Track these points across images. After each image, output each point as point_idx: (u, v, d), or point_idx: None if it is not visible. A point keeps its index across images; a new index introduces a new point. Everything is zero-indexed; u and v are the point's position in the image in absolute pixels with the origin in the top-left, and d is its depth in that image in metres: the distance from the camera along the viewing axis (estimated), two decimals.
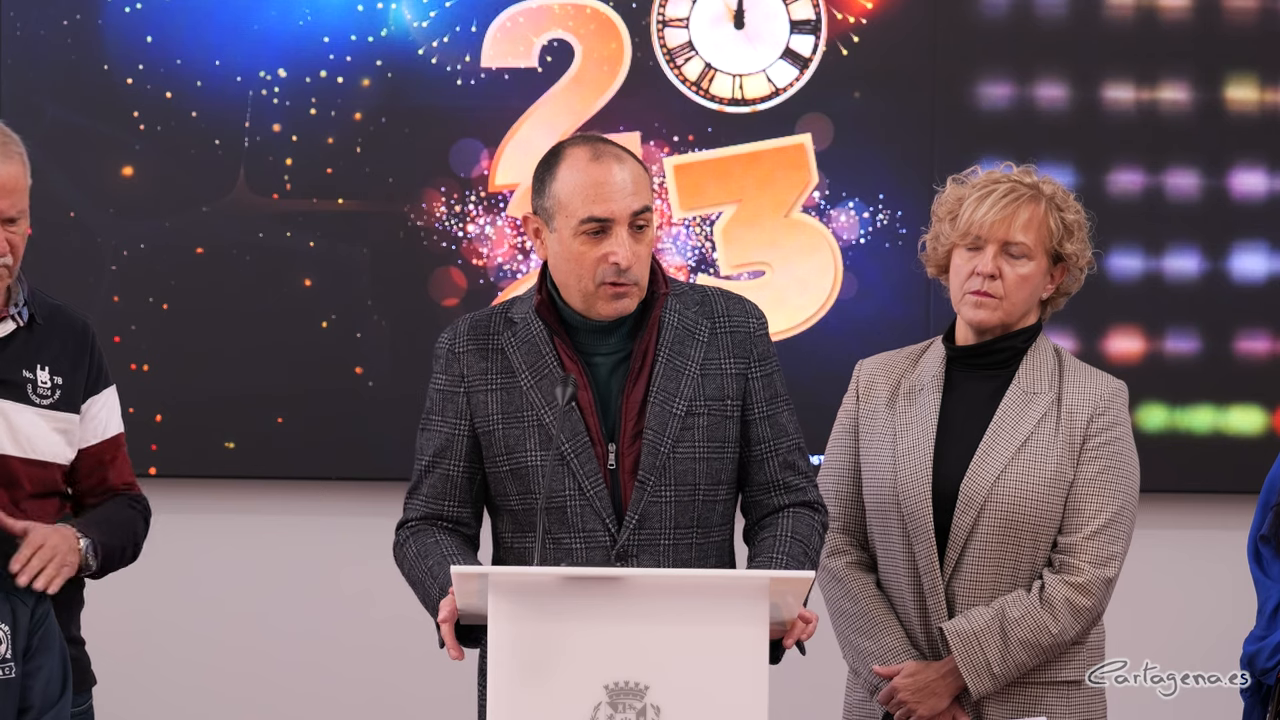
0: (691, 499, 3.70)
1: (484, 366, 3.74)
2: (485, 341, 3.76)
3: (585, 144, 3.69)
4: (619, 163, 3.66)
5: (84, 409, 3.97)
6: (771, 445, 3.77)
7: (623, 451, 3.68)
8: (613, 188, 3.63)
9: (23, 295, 3.92)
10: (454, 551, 3.69)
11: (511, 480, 3.72)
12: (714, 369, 3.74)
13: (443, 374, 3.77)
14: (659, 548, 3.68)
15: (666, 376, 3.70)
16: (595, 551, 3.66)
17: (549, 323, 3.72)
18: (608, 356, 3.72)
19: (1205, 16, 5.73)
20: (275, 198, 5.68)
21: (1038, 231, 4.02)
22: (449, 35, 5.67)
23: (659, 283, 3.73)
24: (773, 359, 3.80)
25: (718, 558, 3.77)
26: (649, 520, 3.68)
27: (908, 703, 3.99)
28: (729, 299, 3.81)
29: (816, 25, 5.71)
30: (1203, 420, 5.76)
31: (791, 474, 3.78)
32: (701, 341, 3.74)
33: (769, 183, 5.70)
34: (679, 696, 3.27)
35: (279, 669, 5.72)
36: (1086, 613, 3.98)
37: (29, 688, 3.70)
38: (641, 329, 3.71)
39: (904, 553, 4.03)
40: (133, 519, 4.01)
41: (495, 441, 3.72)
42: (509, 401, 3.72)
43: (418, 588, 3.71)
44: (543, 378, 3.70)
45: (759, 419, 3.76)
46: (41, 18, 5.63)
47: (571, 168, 3.66)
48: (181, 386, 5.65)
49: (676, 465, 3.69)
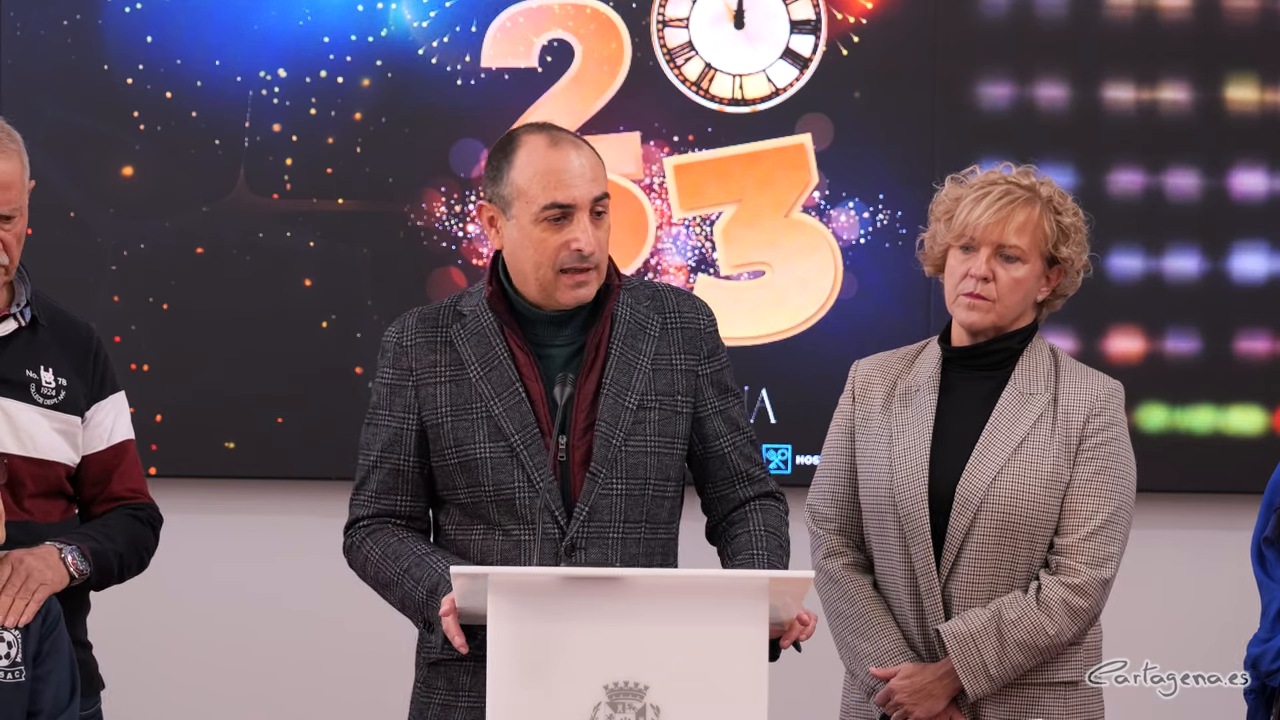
0: (641, 493, 3.70)
1: (433, 359, 3.73)
2: (434, 334, 3.75)
3: (541, 131, 3.69)
4: (576, 150, 3.67)
5: (89, 415, 3.95)
6: (729, 439, 3.78)
7: (573, 444, 3.68)
8: (573, 174, 3.64)
9: (25, 295, 3.91)
10: (425, 550, 3.68)
11: (460, 473, 3.70)
12: (665, 364, 3.74)
13: (390, 368, 3.76)
14: (607, 541, 3.67)
15: (619, 369, 3.70)
16: (545, 544, 3.64)
17: (500, 314, 3.71)
18: (561, 349, 3.71)
19: (1205, 16, 5.73)
20: (275, 198, 5.68)
21: (1032, 234, 4.01)
22: (449, 35, 5.68)
23: (612, 275, 3.74)
24: (722, 355, 3.81)
25: (663, 555, 3.77)
26: (598, 513, 3.67)
27: (904, 704, 3.99)
28: (679, 295, 3.83)
29: (816, 25, 5.71)
30: (1203, 420, 5.76)
31: (750, 465, 3.81)
32: (653, 336, 3.75)
33: (769, 183, 5.70)
34: (678, 696, 3.27)
35: (279, 669, 5.72)
36: (1083, 613, 3.98)
37: (39, 692, 3.69)
38: (595, 322, 3.71)
39: (900, 554, 4.03)
40: (133, 529, 3.96)
41: (444, 434, 3.71)
42: (458, 394, 3.70)
43: (391, 590, 3.70)
44: (492, 369, 3.69)
45: (712, 414, 3.77)
46: (41, 18, 5.63)
47: (530, 155, 3.65)
48: (181, 386, 5.65)
49: (628, 458, 3.69)
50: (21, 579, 3.71)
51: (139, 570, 4.00)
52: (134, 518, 3.98)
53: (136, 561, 3.97)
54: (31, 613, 3.70)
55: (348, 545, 3.80)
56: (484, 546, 3.69)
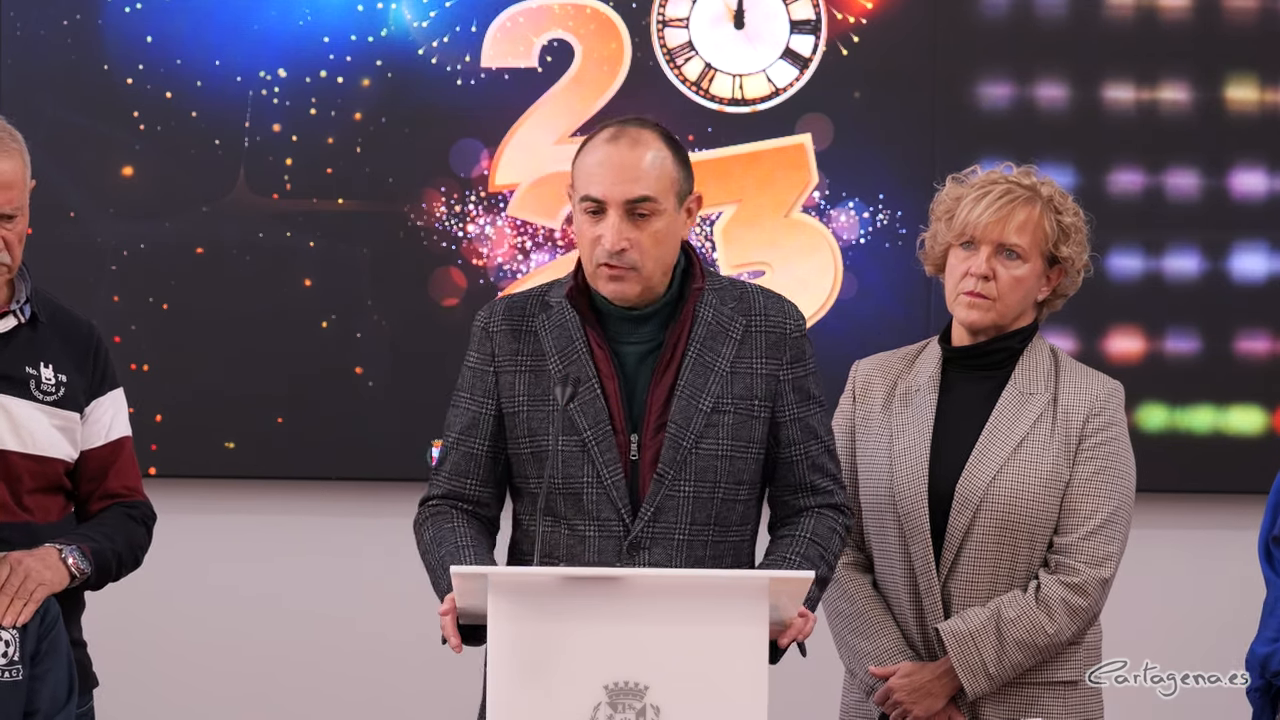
0: (710, 496, 3.70)
1: (515, 348, 3.75)
2: (520, 323, 3.76)
3: (616, 124, 3.71)
4: (633, 146, 3.66)
5: (88, 411, 3.96)
6: (801, 448, 3.77)
7: (645, 443, 3.69)
8: (610, 169, 3.65)
9: (25, 292, 3.91)
10: (467, 543, 3.69)
11: (532, 463, 3.72)
12: (745, 368, 3.73)
13: (475, 352, 3.79)
14: (673, 542, 3.68)
15: (695, 371, 3.70)
16: (608, 540, 3.66)
17: (580, 310, 3.72)
18: (637, 346, 3.72)
19: (1205, 16, 5.73)
20: (275, 198, 5.68)
21: (1033, 234, 4.02)
22: (449, 35, 5.67)
23: (695, 276, 3.74)
24: (808, 361, 3.79)
25: (734, 558, 3.76)
26: (665, 513, 3.67)
27: (904, 703, 3.99)
28: (769, 298, 3.81)
29: (816, 25, 5.71)
30: (1203, 420, 5.75)
31: (819, 476, 3.79)
32: (735, 339, 3.74)
33: (769, 183, 5.70)
34: (679, 697, 3.27)
35: (279, 669, 5.72)
36: (1082, 613, 3.98)
37: (37, 691, 3.70)
38: (674, 321, 3.72)
39: (900, 553, 4.03)
40: (129, 527, 3.98)
41: (519, 423, 3.73)
42: (535, 384, 3.72)
43: (431, 573, 3.73)
44: (570, 363, 3.70)
45: (789, 421, 3.76)
46: (41, 18, 5.63)
47: (590, 146, 3.70)
48: (181, 386, 5.65)
49: (698, 461, 3.69)
50: (20, 579, 3.72)
51: (134, 568, 4.01)
52: (129, 516, 4.00)
53: (132, 560, 3.99)
54: (29, 613, 3.70)
55: (416, 520, 3.82)
56: (551, 539, 3.69)
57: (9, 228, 3.82)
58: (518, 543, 3.80)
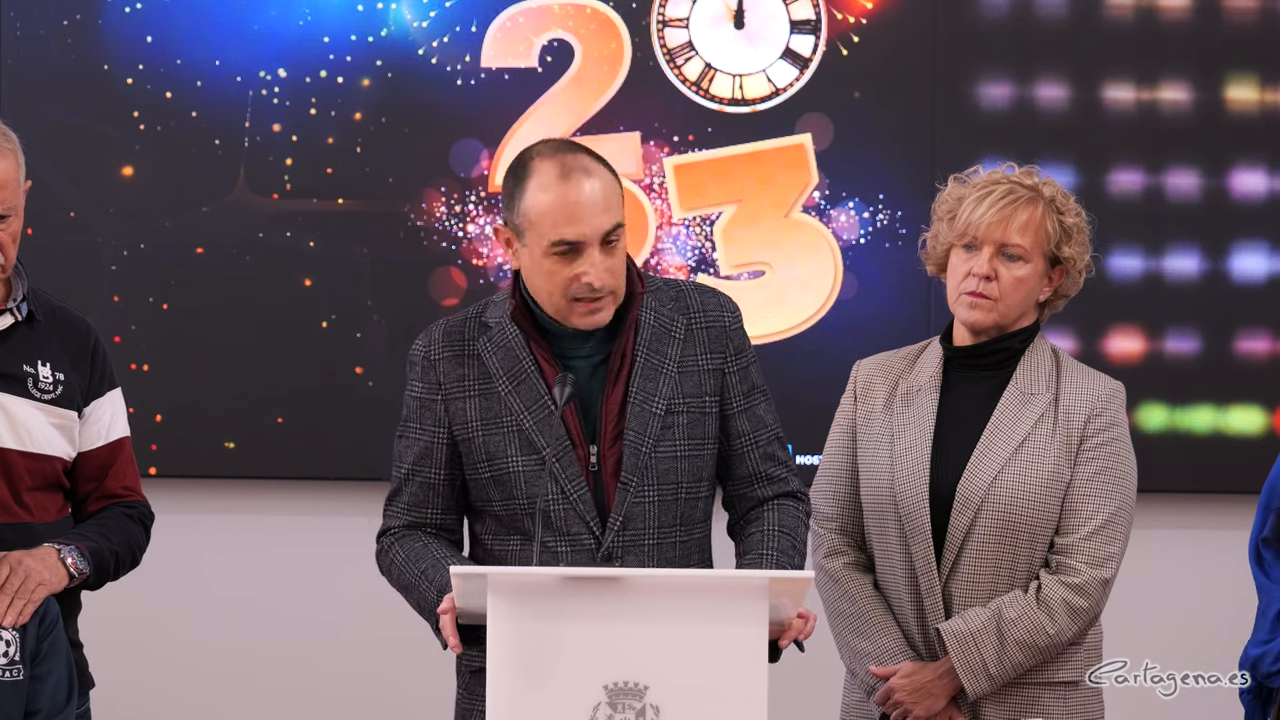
0: (674, 498, 3.70)
1: (461, 373, 3.72)
2: (461, 348, 3.73)
3: (554, 157, 3.61)
4: (588, 178, 3.59)
5: (87, 411, 3.96)
6: (751, 438, 3.77)
7: (604, 453, 3.67)
8: (582, 209, 3.58)
9: (22, 290, 3.91)
10: (446, 554, 3.69)
11: (494, 486, 3.71)
12: (691, 366, 3.73)
13: (419, 381, 3.75)
14: (644, 548, 3.68)
15: (645, 376, 3.69)
16: (580, 554, 3.65)
17: (524, 328, 3.70)
18: (586, 359, 3.70)
19: (1205, 16, 5.73)
20: (275, 198, 5.68)
21: (1035, 234, 4.01)
22: (449, 35, 5.67)
23: (634, 282, 3.71)
24: (749, 352, 3.79)
25: (699, 554, 3.77)
26: (633, 521, 3.67)
27: (904, 703, 3.99)
28: (704, 293, 3.80)
29: (816, 25, 5.71)
30: (1203, 420, 5.75)
31: (772, 465, 3.79)
32: (678, 339, 3.73)
33: (769, 183, 5.70)
34: (678, 697, 3.27)
35: (279, 669, 5.72)
36: (1083, 613, 3.98)
37: (37, 692, 3.70)
38: (619, 330, 3.70)
39: (901, 553, 4.03)
40: (127, 527, 3.97)
41: (475, 448, 3.71)
42: (487, 408, 3.70)
43: (410, 592, 3.70)
44: (520, 383, 3.68)
45: (737, 413, 3.76)
46: (41, 18, 5.63)
47: (540, 186, 3.59)
48: (181, 386, 5.65)
49: (658, 465, 3.68)
50: (20, 580, 3.72)
51: (132, 568, 4.01)
52: (128, 516, 4.00)
53: (130, 560, 3.99)
54: (29, 613, 3.70)
55: (378, 551, 3.80)
56: (521, 557, 3.68)
57: (4, 228, 3.81)
58: (480, 561, 3.77)
